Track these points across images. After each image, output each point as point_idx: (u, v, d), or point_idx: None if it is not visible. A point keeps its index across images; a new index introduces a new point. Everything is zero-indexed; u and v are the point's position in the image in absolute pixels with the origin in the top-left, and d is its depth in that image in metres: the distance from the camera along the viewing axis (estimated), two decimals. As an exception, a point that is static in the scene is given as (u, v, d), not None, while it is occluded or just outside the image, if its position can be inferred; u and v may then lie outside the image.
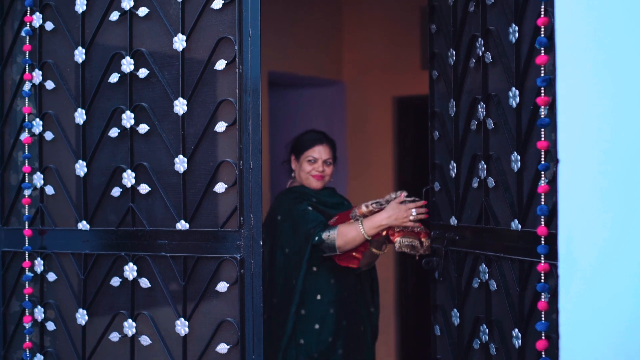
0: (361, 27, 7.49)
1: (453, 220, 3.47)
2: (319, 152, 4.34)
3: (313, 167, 4.34)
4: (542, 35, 2.66)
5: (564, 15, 2.33)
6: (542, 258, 2.70)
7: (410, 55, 7.29)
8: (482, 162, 3.18)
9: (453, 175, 3.48)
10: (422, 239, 3.91)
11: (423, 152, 7.69)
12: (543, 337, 2.72)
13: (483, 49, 3.15)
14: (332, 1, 7.46)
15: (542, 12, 2.66)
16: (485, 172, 3.16)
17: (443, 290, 3.63)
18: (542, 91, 2.67)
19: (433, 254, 3.72)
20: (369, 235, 4.01)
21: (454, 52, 3.44)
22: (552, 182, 2.65)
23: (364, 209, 4.08)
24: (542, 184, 2.70)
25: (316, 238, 4.07)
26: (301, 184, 4.40)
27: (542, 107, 2.67)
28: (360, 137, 7.51)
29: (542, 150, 2.69)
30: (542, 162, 2.69)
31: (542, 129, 2.68)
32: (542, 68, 2.68)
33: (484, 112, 3.14)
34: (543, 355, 2.72)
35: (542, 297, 2.73)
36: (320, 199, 4.36)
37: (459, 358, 3.42)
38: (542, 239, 2.69)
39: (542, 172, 2.70)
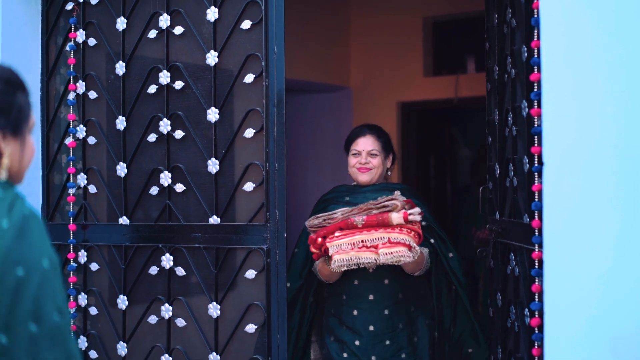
0: (367, 36, 7.82)
1: (497, 215, 3.82)
2: (363, 144, 4.16)
3: (357, 160, 4.17)
4: (536, 56, 3.06)
5: (548, 42, 2.75)
6: (537, 247, 3.09)
7: (414, 62, 7.68)
8: (510, 164, 3.52)
9: (497, 175, 3.83)
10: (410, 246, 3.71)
11: (426, 155, 8.15)
12: (536, 316, 3.11)
13: (510, 65, 3.51)
14: (340, 11, 7.80)
15: (536, 36, 3.05)
16: (512, 173, 3.50)
17: (493, 276, 3.96)
18: (536, 104, 3.06)
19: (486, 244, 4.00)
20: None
21: (497, 68, 3.80)
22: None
23: (314, 221, 3.85)
24: (536, 184, 3.08)
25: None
26: (354, 182, 4.27)
27: (536, 117, 3.06)
28: (366, 141, 7.83)
29: (536, 155, 3.07)
30: (536, 165, 3.08)
31: (536, 136, 3.08)
32: (536, 84, 3.07)
33: (512, 121, 3.50)
34: (536, 332, 3.12)
35: (536, 281, 3.12)
36: (357, 197, 4.15)
37: (501, 336, 3.75)
38: (537, 230, 3.08)
39: (535, 173, 3.09)
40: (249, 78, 3.63)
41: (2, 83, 2.00)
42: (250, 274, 3.64)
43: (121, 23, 4.02)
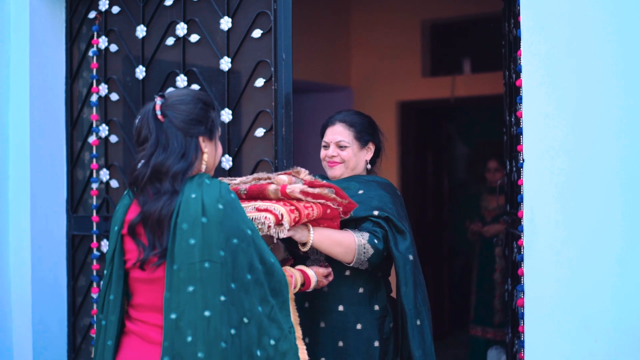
0: (368, 38, 8.10)
1: (507, 207, 4.12)
2: (331, 134, 3.58)
3: (325, 153, 3.59)
4: (520, 64, 3.39)
5: (527, 52, 3.10)
6: (522, 235, 3.37)
7: (412, 63, 7.96)
8: (511, 161, 3.81)
9: (507, 170, 4.13)
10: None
11: (424, 152, 8.46)
12: (522, 296, 3.43)
13: (513, 73, 3.80)
14: (341, 14, 8.10)
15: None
16: (515, 169, 3.77)
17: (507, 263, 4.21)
18: (520, 107, 3.38)
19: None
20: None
21: (507, 73, 4.12)
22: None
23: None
24: (521, 178, 3.41)
25: None
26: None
27: (521, 119, 3.39)
28: (366, 139, 8.12)
29: (520, 152, 3.40)
30: (521, 161, 3.40)
31: (521, 136, 3.40)
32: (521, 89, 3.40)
33: (514, 122, 3.80)
34: (522, 310, 3.44)
35: (522, 265, 3.44)
36: None
37: (511, 318, 4.02)
38: (522, 220, 3.39)
39: (521, 169, 3.41)
40: (260, 82, 3.97)
41: (201, 103, 2.73)
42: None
43: (141, 31, 4.36)
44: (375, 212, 3.38)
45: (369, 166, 3.64)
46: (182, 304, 2.51)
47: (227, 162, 4.06)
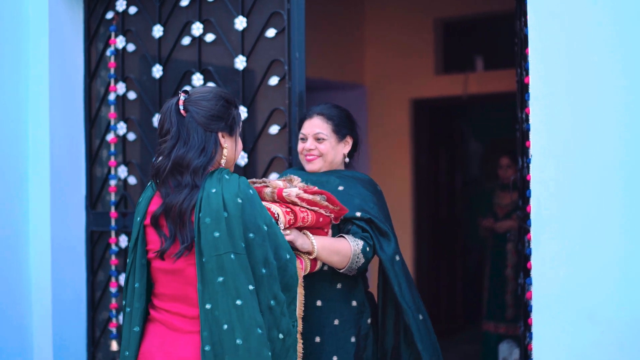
0: (381, 36, 8.19)
1: (520, 203, 4.19)
2: (309, 126, 3.54)
3: (303, 145, 3.54)
4: (528, 62, 3.46)
5: (534, 50, 3.17)
6: (531, 229, 3.46)
7: (425, 61, 8.03)
8: (522, 158, 3.87)
9: (519, 166, 4.20)
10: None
11: (437, 150, 8.53)
12: (531, 289, 3.50)
13: (524, 71, 3.87)
14: (354, 12, 8.18)
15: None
16: (526, 164, 3.85)
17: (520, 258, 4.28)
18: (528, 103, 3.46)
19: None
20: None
21: (519, 71, 4.18)
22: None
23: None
24: (529, 173, 3.48)
25: None
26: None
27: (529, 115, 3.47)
28: (380, 136, 8.19)
29: (529, 148, 3.47)
30: (530, 157, 3.48)
31: (529, 132, 3.47)
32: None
33: (524, 119, 3.87)
34: (531, 303, 3.52)
35: (531, 258, 3.51)
36: (303, 181, 3.35)
37: (523, 312, 4.08)
38: (531, 214, 3.47)
39: (529, 164, 3.48)
40: (274, 80, 4.05)
41: (223, 100, 2.84)
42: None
43: (157, 31, 4.45)
44: (358, 214, 3.38)
45: (347, 160, 3.60)
46: (214, 294, 2.63)
47: (242, 159, 4.15)
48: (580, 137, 3.06)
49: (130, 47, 4.61)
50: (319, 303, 3.42)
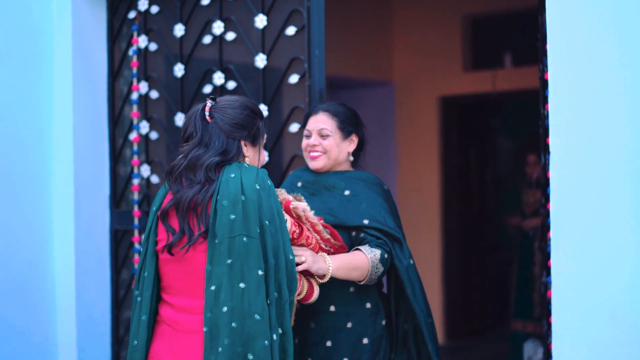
0: (409, 33, 8.17)
1: (543, 200, 4.15)
2: (314, 122, 3.48)
3: (307, 142, 3.49)
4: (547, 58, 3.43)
5: (552, 46, 3.13)
6: (551, 227, 3.42)
7: (453, 58, 8.00)
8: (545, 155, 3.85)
9: (542, 164, 4.16)
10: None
11: (467, 147, 8.48)
12: (551, 288, 3.46)
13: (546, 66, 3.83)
14: (383, 9, 8.16)
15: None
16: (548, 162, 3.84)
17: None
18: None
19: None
20: None
21: (541, 67, 4.14)
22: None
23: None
24: (549, 171, 3.44)
25: None
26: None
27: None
28: (408, 134, 8.18)
29: (549, 144, 3.43)
30: (549, 153, 3.43)
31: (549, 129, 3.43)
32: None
33: (546, 115, 3.83)
34: (551, 302, 3.47)
35: (551, 256, 3.47)
36: (308, 184, 3.53)
37: (545, 311, 4.09)
38: (550, 212, 3.43)
39: (549, 161, 3.44)
40: (294, 78, 4.04)
41: (248, 110, 2.90)
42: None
43: (179, 30, 4.46)
44: (366, 221, 3.34)
45: (351, 158, 3.54)
46: (220, 275, 2.65)
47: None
48: (599, 134, 3.01)
49: (153, 47, 4.62)
50: (332, 308, 3.40)
